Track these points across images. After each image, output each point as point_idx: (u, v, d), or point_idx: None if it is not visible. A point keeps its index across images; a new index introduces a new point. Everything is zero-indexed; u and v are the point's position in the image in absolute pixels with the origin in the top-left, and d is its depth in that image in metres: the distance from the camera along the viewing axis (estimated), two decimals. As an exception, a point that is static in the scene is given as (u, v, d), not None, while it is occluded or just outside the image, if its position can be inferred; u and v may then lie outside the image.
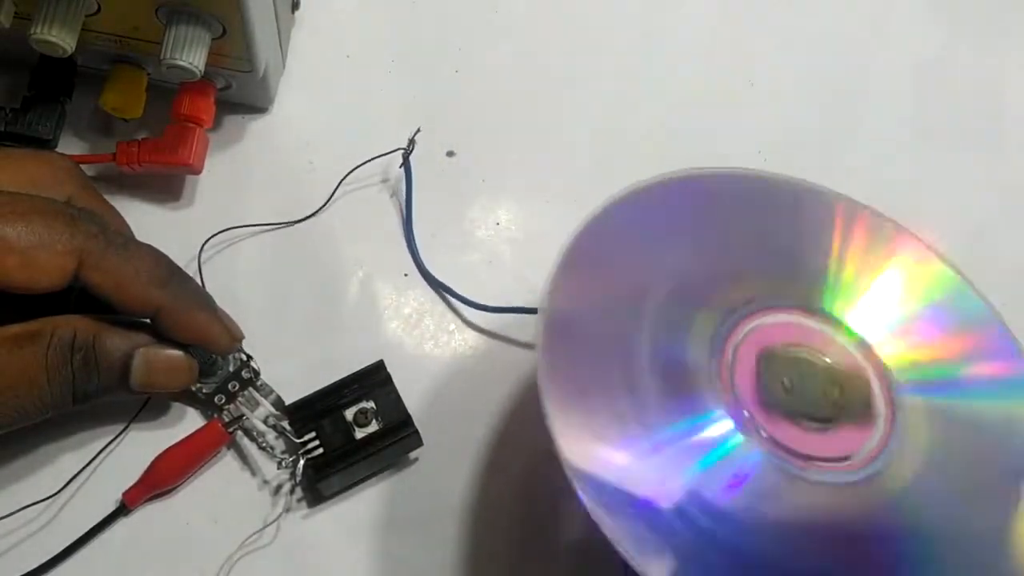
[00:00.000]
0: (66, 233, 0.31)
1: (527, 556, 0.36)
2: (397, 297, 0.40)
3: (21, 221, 0.30)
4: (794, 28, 0.50)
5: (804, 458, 0.31)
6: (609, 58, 0.47)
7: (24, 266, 0.30)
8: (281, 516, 0.35)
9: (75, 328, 0.31)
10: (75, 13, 0.34)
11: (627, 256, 0.34)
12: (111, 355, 0.32)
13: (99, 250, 0.31)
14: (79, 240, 0.31)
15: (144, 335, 0.33)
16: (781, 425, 0.31)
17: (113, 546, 0.34)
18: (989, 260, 0.37)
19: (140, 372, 0.32)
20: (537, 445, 0.37)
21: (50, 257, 0.30)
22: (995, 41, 0.51)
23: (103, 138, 0.41)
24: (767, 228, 0.36)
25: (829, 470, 0.31)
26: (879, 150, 0.47)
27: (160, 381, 0.33)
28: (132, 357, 0.32)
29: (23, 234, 0.30)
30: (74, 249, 0.31)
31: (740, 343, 0.32)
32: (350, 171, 0.41)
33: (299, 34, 0.44)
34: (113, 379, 0.32)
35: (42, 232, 0.30)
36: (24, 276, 0.30)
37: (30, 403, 0.30)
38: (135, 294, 0.32)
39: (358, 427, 0.35)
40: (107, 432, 0.35)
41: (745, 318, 0.33)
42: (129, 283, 0.32)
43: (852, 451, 0.31)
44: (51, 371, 0.30)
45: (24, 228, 0.30)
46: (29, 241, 0.30)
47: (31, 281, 0.30)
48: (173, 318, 0.33)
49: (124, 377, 0.32)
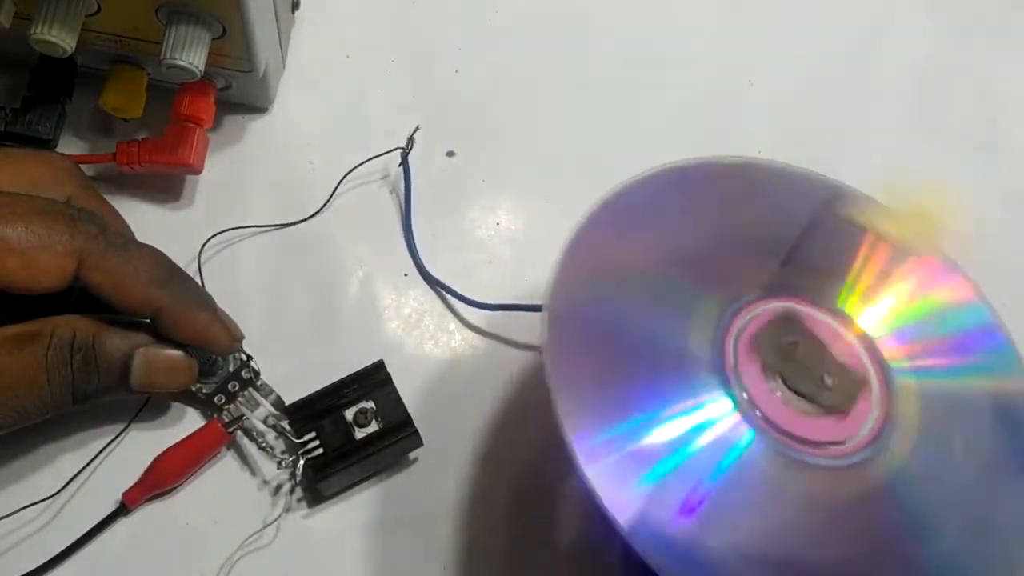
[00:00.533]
0: (66, 234, 0.31)
1: (526, 555, 0.36)
2: (397, 297, 0.40)
3: (21, 222, 0.30)
4: (794, 28, 0.50)
5: (801, 441, 0.31)
6: (609, 58, 0.47)
7: (24, 267, 0.30)
8: (281, 516, 0.35)
9: (75, 328, 0.31)
10: (75, 13, 0.34)
11: (632, 243, 0.34)
12: (111, 355, 0.32)
13: (99, 250, 0.31)
14: (79, 241, 0.31)
15: (144, 335, 0.33)
16: (779, 408, 0.31)
17: (113, 546, 0.34)
18: (989, 260, 0.37)
19: (140, 372, 0.32)
20: (536, 443, 0.37)
21: (50, 258, 0.30)
22: (995, 41, 0.51)
23: (103, 138, 0.41)
24: (774, 221, 0.36)
25: (826, 455, 0.31)
26: (879, 150, 0.47)
27: (160, 381, 0.33)
28: (132, 357, 0.32)
29: (23, 235, 0.30)
30: (74, 250, 0.31)
31: (743, 331, 0.32)
32: (350, 170, 0.41)
33: (299, 34, 0.44)
34: (113, 379, 0.32)
35: (42, 233, 0.30)
36: (24, 277, 0.30)
37: (30, 403, 0.30)
38: (135, 294, 0.32)
39: (358, 427, 0.35)
40: (107, 432, 0.35)
41: (748, 306, 0.33)
42: (129, 283, 0.32)
43: (849, 435, 0.32)
44: (51, 371, 0.30)
45: (24, 229, 0.30)
46: (29, 242, 0.30)
47: (32, 282, 0.30)
48: (173, 318, 0.33)
49: (124, 377, 0.32)
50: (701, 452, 0.30)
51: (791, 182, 0.37)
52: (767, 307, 0.33)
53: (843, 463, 0.31)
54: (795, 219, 0.36)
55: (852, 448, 0.31)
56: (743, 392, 0.31)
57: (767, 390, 0.31)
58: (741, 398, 0.31)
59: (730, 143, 0.45)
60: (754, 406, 0.31)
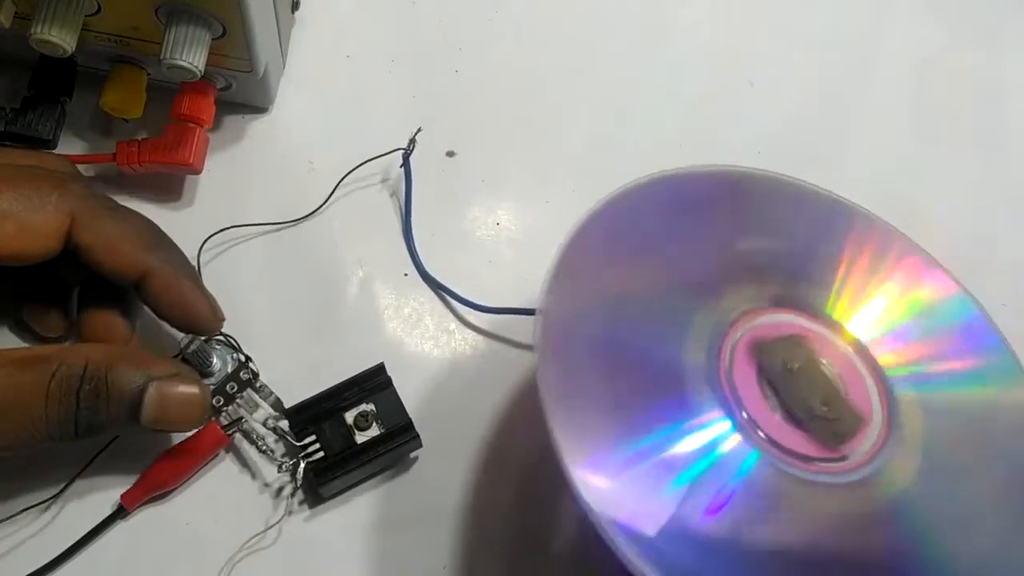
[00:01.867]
0: (55, 193, 0.31)
1: (526, 556, 0.36)
2: (397, 297, 0.40)
3: (10, 189, 0.30)
4: (794, 28, 0.50)
5: (802, 458, 0.30)
6: (609, 58, 0.47)
7: (20, 232, 0.30)
8: (282, 519, 0.35)
9: (87, 358, 0.30)
10: (75, 13, 0.34)
11: (625, 255, 0.34)
12: (123, 387, 0.30)
13: (89, 210, 0.31)
14: (70, 200, 0.31)
15: (160, 368, 0.31)
16: (779, 425, 0.31)
17: (111, 549, 0.34)
18: (989, 260, 0.37)
19: (152, 406, 0.31)
20: (536, 445, 0.37)
21: (44, 219, 0.30)
22: (995, 41, 0.51)
23: (103, 138, 0.41)
24: (769, 231, 0.36)
25: (827, 471, 0.31)
26: (879, 150, 0.47)
27: (172, 417, 0.32)
28: (145, 390, 0.31)
29: (13, 202, 0.30)
30: (66, 209, 0.31)
31: (738, 342, 0.32)
32: (350, 171, 0.41)
33: (299, 34, 0.44)
34: (123, 412, 0.31)
35: (32, 196, 0.30)
36: (21, 242, 0.30)
37: (22, 428, 0.29)
38: (125, 256, 0.32)
39: (359, 430, 0.35)
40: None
41: (743, 317, 0.33)
42: (119, 244, 0.32)
43: (850, 451, 0.31)
44: (51, 399, 0.29)
45: (13, 195, 0.30)
46: (23, 206, 0.30)
47: (29, 246, 0.30)
48: (161, 283, 0.32)
49: (135, 411, 0.31)
50: (697, 469, 0.29)
51: (786, 193, 0.37)
52: (766, 319, 0.33)
53: (843, 480, 0.30)
54: (789, 229, 0.36)
55: (853, 464, 0.31)
56: (743, 411, 0.31)
57: (766, 407, 0.31)
58: (740, 417, 0.31)
59: (729, 144, 0.45)
60: (755, 425, 0.31)
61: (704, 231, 0.35)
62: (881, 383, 0.33)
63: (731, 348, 0.32)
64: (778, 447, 0.30)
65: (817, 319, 0.34)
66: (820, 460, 0.31)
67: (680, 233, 0.35)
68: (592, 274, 0.33)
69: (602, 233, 0.33)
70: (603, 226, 0.33)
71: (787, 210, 0.37)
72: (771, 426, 0.31)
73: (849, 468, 0.31)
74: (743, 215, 0.36)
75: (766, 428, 0.31)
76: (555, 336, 0.30)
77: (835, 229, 0.36)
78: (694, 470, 0.29)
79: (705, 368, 0.31)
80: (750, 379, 0.32)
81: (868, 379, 0.33)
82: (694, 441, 0.30)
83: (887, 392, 0.33)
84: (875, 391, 0.33)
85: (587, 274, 0.33)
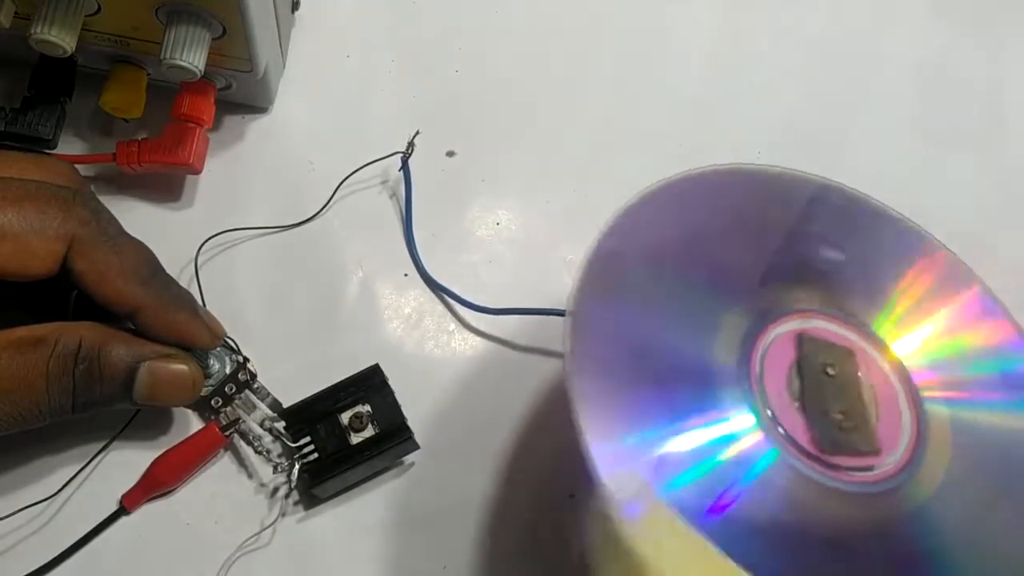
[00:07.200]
0: (59, 217, 0.31)
1: (525, 556, 0.36)
2: (397, 297, 0.40)
3: (13, 207, 0.30)
4: (794, 28, 0.50)
5: (827, 465, 0.30)
6: (609, 58, 0.47)
7: (17, 252, 0.30)
8: (278, 520, 0.35)
9: (81, 337, 0.31)
10: (75, 13, 0.34)
11: (659, 250, 0.33)
12: (115, 366, 0.31)
13: (89, 238, 0.31)
14: (71, 225, 0.31)
15: (152, 348, 0.33)
16: (806, 430, 0.30)
17: (112, 548, 0.34)
18: (989, 260, 0.37)
19: (143, 385, 0.32)
20: (537, 445, 0.37)
21: (42, 243, 0.30)
22: (995, 41, 0.51)
23: (103, 138, 0.41)
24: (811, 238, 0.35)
25: (852, 480, 0.30)
26: (879, 150, 0.47)
27: (163, 396, 0.33)
28: (137, 369, 0.32)
29: (15, 221, 0.30)
30: (66, 234, 0.31)
31: (770, 345, 0.32)
32: (350, 173, 0.41)
33: (299, 34, 0.44)
34: (116, 390, 0.32)
35: (34, 218, 0.30)
36: (17, 262, 0.30)
37: (26, 409, 0.30)
38: (115, 289, 0.32)
39: (353, 432, 0.35)
40: (105, 433, 0.35)
41: (777, 320, 0.32)
42: (111, 277, 0.31)
43: (876, 462, 0.31)
44: (51, 379, 0.30)
45: (16, 214, 0.30)
46: (22, 227, 0.30)
47: (24, 267, 0.30)
48: (152, 319, 0.32)
49: (127, 389, 0.32)
50: (723, 466, 0.29)
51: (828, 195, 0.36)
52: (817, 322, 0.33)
53: (871, 490, 0.30)
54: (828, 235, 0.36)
55: (879, 475, 0.30)
56: (768, 411, 0.30)
57: (794, 413, 0.31)
58: (765, 415, 0.30)
59: (729, 144, 0.45)
60: (782, 429, 0.30)
61: (737, 228, 0.35)
62: (912, 395, 0.32)
63: (763, 351, 0.32)
64: (801, 451, 0.30)
65: (865, 334, 0.33)
66: (846, 469, 0.30)
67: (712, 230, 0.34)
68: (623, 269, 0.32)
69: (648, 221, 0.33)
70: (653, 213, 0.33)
71: (862, 225, 0.36)
72: (797, 431, 0.30)
73: (875, 479, 0.30)
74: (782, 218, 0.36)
75: (793, 432, 0.30)
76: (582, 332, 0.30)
77: (904, 253, 0.36)
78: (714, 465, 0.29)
79: (735, 368, 0.31)
80: (779, 383, 0.31)
81: (901, 391, 0.32)
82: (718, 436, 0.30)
83: (917, 407, 0.32)
84: (906, 401, 0.32)
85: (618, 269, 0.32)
